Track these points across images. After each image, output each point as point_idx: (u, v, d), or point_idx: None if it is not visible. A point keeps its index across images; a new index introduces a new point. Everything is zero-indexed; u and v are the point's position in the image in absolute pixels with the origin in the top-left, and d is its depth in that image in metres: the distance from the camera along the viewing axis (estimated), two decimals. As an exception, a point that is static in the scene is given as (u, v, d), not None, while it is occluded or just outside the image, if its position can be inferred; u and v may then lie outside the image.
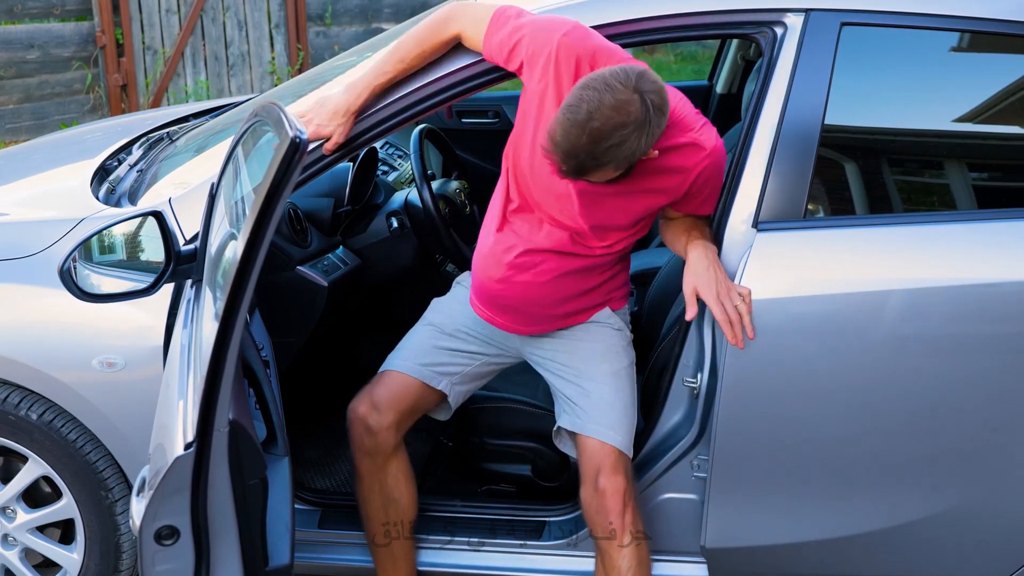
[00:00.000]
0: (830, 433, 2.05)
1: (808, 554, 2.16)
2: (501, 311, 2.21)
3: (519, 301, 2.16)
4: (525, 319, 2.20)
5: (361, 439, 2.22)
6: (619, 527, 2.09)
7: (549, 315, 2.20)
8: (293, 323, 2.50)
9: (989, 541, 2.10)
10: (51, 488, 2.34)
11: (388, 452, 2.24)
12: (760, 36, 2.09)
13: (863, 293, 1.99)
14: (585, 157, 1.83)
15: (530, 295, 2.15)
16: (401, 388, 2.24)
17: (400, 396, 2.23)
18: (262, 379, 1.98)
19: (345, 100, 2.11)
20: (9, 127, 6.82)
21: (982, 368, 1.98)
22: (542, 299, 2.16)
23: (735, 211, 2.05)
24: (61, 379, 2.17)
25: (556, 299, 2.16)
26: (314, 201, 2.70)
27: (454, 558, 2.34)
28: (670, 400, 2.19)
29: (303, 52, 7.78)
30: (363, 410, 2.22)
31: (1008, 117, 2.15)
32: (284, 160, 1.47)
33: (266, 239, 1.54)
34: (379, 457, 2.24)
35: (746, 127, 2.08)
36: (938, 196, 2.20)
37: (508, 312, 2.20)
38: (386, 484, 2.25)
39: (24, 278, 2.21)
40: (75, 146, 3.18)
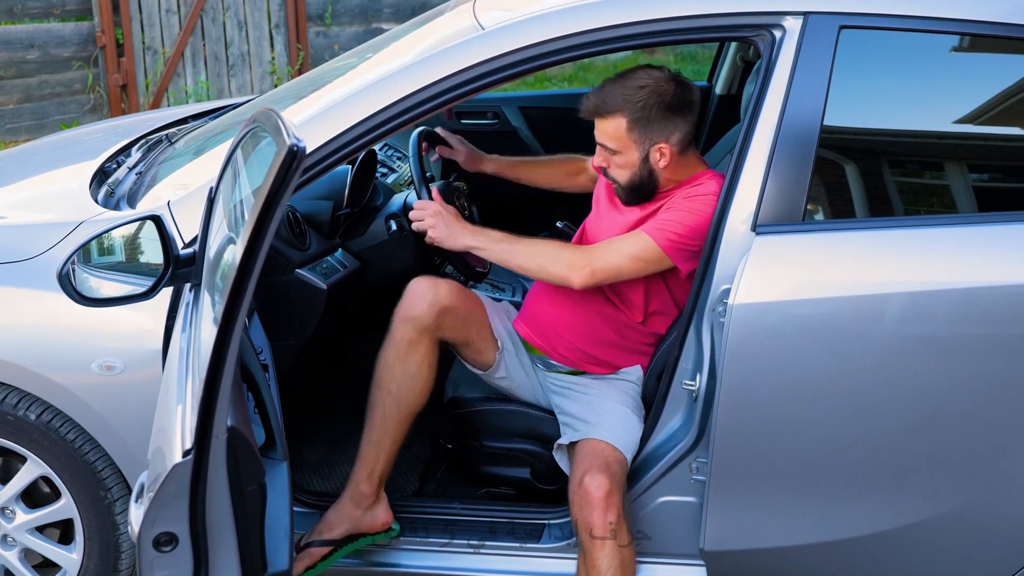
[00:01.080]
0: (830, 436, 2.05)
1: (808, 557, 2.16)
2: (539, 331, 2.45)
3: (553, 321, 2.42)
4: (555, 343, 2.42)
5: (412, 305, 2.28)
6: (600, 526, 2.10)
7: (577, 347, 2.40)
8: (292, 326, 2.50)
9: (990, 543, 2.10)
10: (50, 488, 2.34)
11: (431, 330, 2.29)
12: (759, 39, 2.09)
13: (862, 296, 1.99)
14: (604, 93, 2.23)
15: (563, 319, 2.40)
16: (477, 311, 2.41)
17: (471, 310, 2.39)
18: (261, 383, 1.98)
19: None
20: (9, 127, 6.82)
21: (982, 370, 1.98)
22: (574, 327, 2.40)
23: (733, 213, 2.05)
24: (60, 382, 2.18)
25: (586, 334, 2.39)
26: (313, 204, 2.70)
27: (454, 560, 2.34)
28: (669, 403, 2.19)
29: (303, 52, 7.78)
30: (424, 283, 2.31)
31: (1008, 119, 2.15)
32: (282, 168, 1.47)
33: (264, 246, 1.54)
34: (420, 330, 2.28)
35: (745, 129, 2.08)
36: (938, 198, 2.20)
37: (544, 334, 2.44)
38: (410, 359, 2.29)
39: (23, 281, 2.21)
40: (74, 148, 3.18)
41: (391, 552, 2.35)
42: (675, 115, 2.23)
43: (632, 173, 2.27)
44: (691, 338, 2.13)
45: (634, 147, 2.24)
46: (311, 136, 2.11)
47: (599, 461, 2.16)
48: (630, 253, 2.23)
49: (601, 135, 2.28)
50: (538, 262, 2.28)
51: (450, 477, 2.76)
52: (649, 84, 2.22)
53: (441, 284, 2.33)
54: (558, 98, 4.11)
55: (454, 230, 2.32)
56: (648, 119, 2.22)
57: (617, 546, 2.11)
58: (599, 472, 2.13)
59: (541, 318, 2.46)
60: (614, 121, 2.23)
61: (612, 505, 2.11)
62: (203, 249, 1.96)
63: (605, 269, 2.24)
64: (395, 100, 2.13)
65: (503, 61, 2.12)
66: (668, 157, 2.25)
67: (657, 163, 2.25)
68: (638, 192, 2.30)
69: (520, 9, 2.21)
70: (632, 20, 2.10)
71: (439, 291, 2.30)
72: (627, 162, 2.26)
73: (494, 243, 2.32)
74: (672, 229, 2.21)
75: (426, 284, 2.32)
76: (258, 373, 1.99)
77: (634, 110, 2.21)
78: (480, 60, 2.12)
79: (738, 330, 1.97)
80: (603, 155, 2.30)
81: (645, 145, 2.24)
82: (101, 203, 2.39)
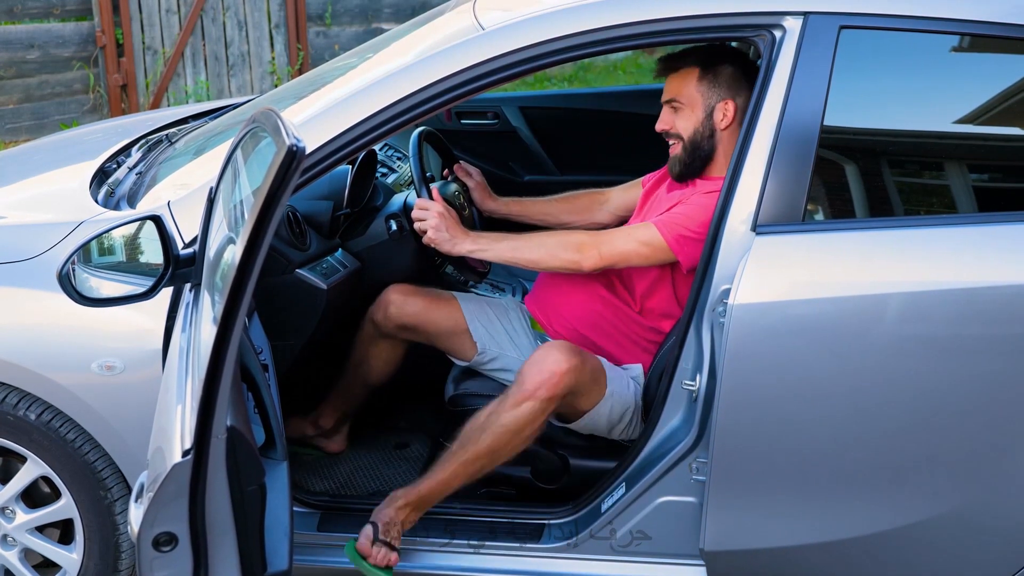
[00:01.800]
0: (830, 436, 2.05)
1: (808, 557, 2.16)
2: (541, 307, 2.55)
3: (554, 298, 2.51)
4: (553, 320, 2.51)
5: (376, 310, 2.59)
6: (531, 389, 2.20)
7: (573, 328, 2.48)
8: (292, 326, 2.50)
9: (990, 543, 2.10)
10: (50, 488, 2.34)
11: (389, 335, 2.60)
12: (759, 39, 2.09)
13: (862, 296, 1.99)
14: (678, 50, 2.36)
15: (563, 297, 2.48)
16: (447, 310, 2.56)
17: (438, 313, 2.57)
18: (261, 383, 1.98)
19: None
20: (9, 127, 6.82)
21: (982, 370, 1.98)
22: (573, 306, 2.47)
23: (733, 213, 2.05)
24: (60, 382, 2.18)
25: (583, 317, 2.46)
26: (313, 204, 2.70)
27: (454, 560, 2.34)
28: (669, 403, 2.19)
29: (303, 52, 7.78)
30: (397, 296, 2.57)
31: (1008, 119, 2.15)
32: (282, 168, 1.47)
33: (264, 246, 1.54)
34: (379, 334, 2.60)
35: (745, 129, 2.08)
36: (938, 198, 2.20)
37: (545, 310, 2.54)
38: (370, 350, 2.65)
39: (23, 281, 2.21)
40: (74, 148, 3.18)
41: (391, 552, 2.35)
42: (743, 76, 2.34)
43: (695, 130, 2.35)
44: (691, 338, 2.13)
45: (700, 101, 2.34)
46: (311, 136, 2.11)
47: (574, 349, 2.27)
48: (638, 239, 2.29)
49: (670, 89, 2.38)
50: (547, 251, 2.33)
51: (450, 477, 2.76)
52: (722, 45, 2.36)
53: (408, 302, 2.56)
54: (558, 98, 4.11)
55: (455, 235, 2.36)
56: (717, 74, 2.33)
57: (530, 411, 2.22)
58: (569, 352, 2.23)
59: (544, 294, 2.56)
60: (685, 72, 2.34)
61: (561, 383, 2.20)
62: (203, 249, 1.96)
63: (612, 253, 2.29)
64: (395, 100, 2.13)
65: (503, 61, 2.12)
66: (730, 118, 2.33)
67: (719, 123, 2.34)
68: (695, 153, 2.36)
69: (520, 9, 2.21)
70: (632, 20, 2.10)
71: (403, 308, 2.56)
72: (692, 117, 2.35)
73: (495, 243, 2.35)
74: (682, 224, 2.26)
75: (394, 296, 2.58)
76: (258, 373, 1.99)
77: (706, 61, 2.33)
78: (480, 60, 2.12)
79: (738, 330, 1.97)
80: (668, 115, 2.40)
81: (711, 100, 2.34)
82: (101, 203, 2.39)
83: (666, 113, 2.41)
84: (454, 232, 2.36)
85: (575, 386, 2.25)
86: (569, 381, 2.22)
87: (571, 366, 2.22)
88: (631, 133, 3.62)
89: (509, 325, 2.61)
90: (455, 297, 2.63)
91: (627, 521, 2.23)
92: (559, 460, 2.50)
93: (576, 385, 2.25)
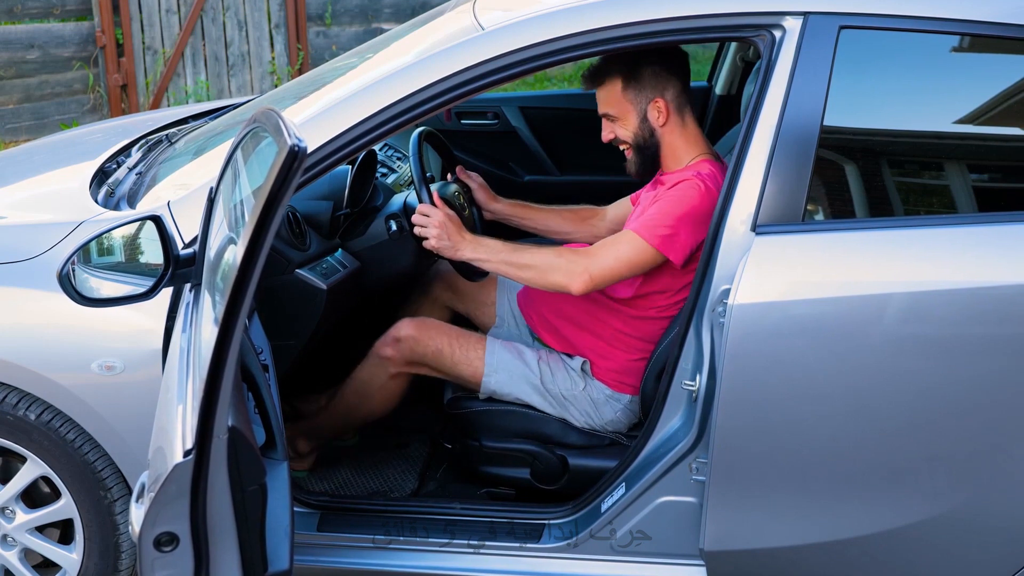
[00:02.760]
0: (829, 436, 2.05)
1: (808, 557, 2.16)
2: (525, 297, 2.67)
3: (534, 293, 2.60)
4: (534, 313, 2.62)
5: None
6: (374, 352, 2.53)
7: (547, 319, 2.56)
8: (292, 326, 2.50)
9: (989, 543, 2.10)
10: (50, 488, 2.34)
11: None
12: (758, 39, 2.09)
13: (862, 296, 1.99)
14: (597, 63, 2.39)
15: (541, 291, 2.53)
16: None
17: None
18: (261, 383, 1.98)
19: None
20: (9, 127, 6.82)
21: (982, 370, 1.98)
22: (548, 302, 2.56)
23: (733, 214, 2.05)
24: (60, 382, 2.18)
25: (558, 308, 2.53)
26: (313, 204, 2.70)
27: (454, 560, 2.33)
28: (668, 403, 2.19)
29: (303, 52, 7.78)
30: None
31: (1008, 120, 2.15)
32: (283, 168, 1.47)
33: (265, 247, 1.54)
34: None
35: (745, 129, 2.08)
36: (938, 198, 2.20)
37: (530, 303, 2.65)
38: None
39: (23, 281, 2.21)
40: (74, 148, 3.18)
41: (391, 552, 2.35)
42: (665, 71, 2.36)
43: (636, 135, 2.39)
44: (691, 338, 2.13)
45: (631, 108, 2.37)
46: (311, 136, 2.11)
47: (431, 321, 2.54)
48: (625, 256, 2.28)
49: (601, 104, 2.42)
50: (537, 272, 2.34)
51: (450, 477, 2.76)
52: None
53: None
54: (558, 98, 4.11)
55: (456, 242, 2.38)
56: (640, 77, 2.35)
57: (373, 364, 2.55)
58: (412, 321, 2.52)
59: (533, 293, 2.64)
60: (609, 85, 2.37)
61: (396, 345, 2.49)
62: (203, 249, 1.96)
63: (602, 274, 2.29)
64: (395, 100, 2.13)
65: (503, 61, 2.12)
66: (665, 114, 2.36)
67: (656, 121, 2.37)
68: (644, 156, 2.40)
69: (520, 9, 2.21)
70: (632, 20, 2.10)
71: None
72: (628, 125, 2.39)
73: (495, 254, 2.37)
74: (661, 223, 2.26)
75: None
76: (258, 373, 1.99)
77: (626, 68, 2.34)
78: (480, 60, 2.12)
79: (738, 330, 1.97)
80: (608, 127, 2.44)
81: (642, 104, 2.37)
82: (101, 203, 2.39)
83: (605, 125, 2.46)
84: (456, 239, 2.38)
85: (419, 354, 2.50)
86: (406, 348, 2.50)
87: (407, 335, 2.51)
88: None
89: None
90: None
91: (627, 521, 2.23)
92: (559, 460, 2.50)
93: (420, 354, 2.50)
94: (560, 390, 2.48)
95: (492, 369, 2.50)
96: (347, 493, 2.68)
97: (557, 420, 2.51)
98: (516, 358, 2.52)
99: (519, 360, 2.52)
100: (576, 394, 2.48)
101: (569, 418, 2.49)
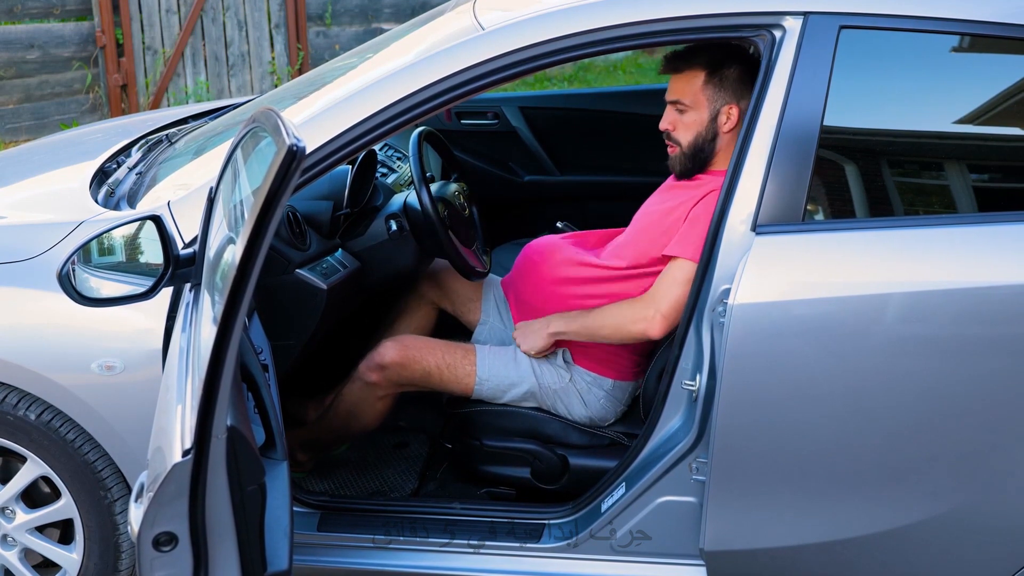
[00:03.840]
0: (829, 436, 2.05)
1: (808, 557, 2.16)
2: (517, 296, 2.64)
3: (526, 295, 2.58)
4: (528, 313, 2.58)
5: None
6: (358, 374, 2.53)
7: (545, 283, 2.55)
8: (292, 326, 2.50)
9: (989, 543, 2.10)
10: (50, 488, 2.34)
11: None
12: (758, 39, 2.09)
13: (862, 296, 1.99)
14: (685, 48, 2.34)
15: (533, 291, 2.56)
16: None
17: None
18: (261, 383, 1.98)
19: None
20: (9, 127, 6.82)
21: (982, 371, 1.98)
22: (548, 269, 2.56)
23: (733, 213, 2.05)
24: (60, 382, 2.18)
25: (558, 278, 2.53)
26: (313, 204, 2.70)
27: (454, 560, 2.33)
28: (669, 403, 2.19)
29: (303, 52, 7.78)
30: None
31: (1008, 119, 2.15)
32: (282, 168, 1.47)
33: (264, 246, 1.54)
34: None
35: (745, 129, 2.08)
36: (938, 198, 2.20)
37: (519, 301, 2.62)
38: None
39: (23, 281, 2.21)
40: (74, 148, 3.18)
41: (391, 552, 2.35)
42: (749, 79, 2.31)
43: (697, 133, 2.36)
44: (691, 338, 2.13)
45: (706, 104, 2.35)
46: (311, 136, 2.11)
47: (414, 340, 2.52)
48: (683, 281, 2.28)
49: (675, 90, 2.38)
50: (614, 329, 2.36)
51: (450, 477, 2.76)
52: (729, 45, 2.31)
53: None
54: (558, 98, 4.11)
55: (532, 332, 2.48)
56: (724, 77, 2.33)
57: (359, 388, 2.53)
58: (396, 345, 2.48)
59: (518, 284, 2.66)
60: (691, 73, 2.34)
61: (381, 372, 2.48)
62: (203, 249, 1.96)
63: (672, 307, 2.29)
64: (395, 100, 2.13)
65: (503, 61, 2.12)
66: (734, 121, 2.34)
67: (723, 126, 2.36)
68: (696, 157, 2.38)
69: (520, 9, 2.21)
70: (632, 20, 2.10)
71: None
72: (696, 120, 2.36)
73: (570, 323, 2.43)
74: (700, 240, 2.24)
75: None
76: (258, 373, 1.99)
77: (713, 63, 2.31)
78: (480, 60, 2.12)
79: (738, 330, 1.97)
80: (672, 115, 2.40)
81: (717, 103, 2.34)
82: (101, 203, 2.39)
83: (670, 113, 2.42)
84: (529, 331, 2.48)
85: (406, 379, 2.50)
86: (392, 375, 2.50)
87: (391, 361, 2.49)
88: (631, 133, 3.62)
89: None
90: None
91: (627, 521, 2.23)
92: (559, 460, 2.50)
93: (407, 378, 2.50)
94: (550, 384, 2.50)
95: (483, 379, 2.51)
96: (347, 493, 2.68)
97: (557, 420, 2.51)
98: (508, 363, 2.53)
99: (511, 363, 2.52)
100: (564, 386, 2.50)
101: (561, 411, 2.51)
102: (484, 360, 2.52)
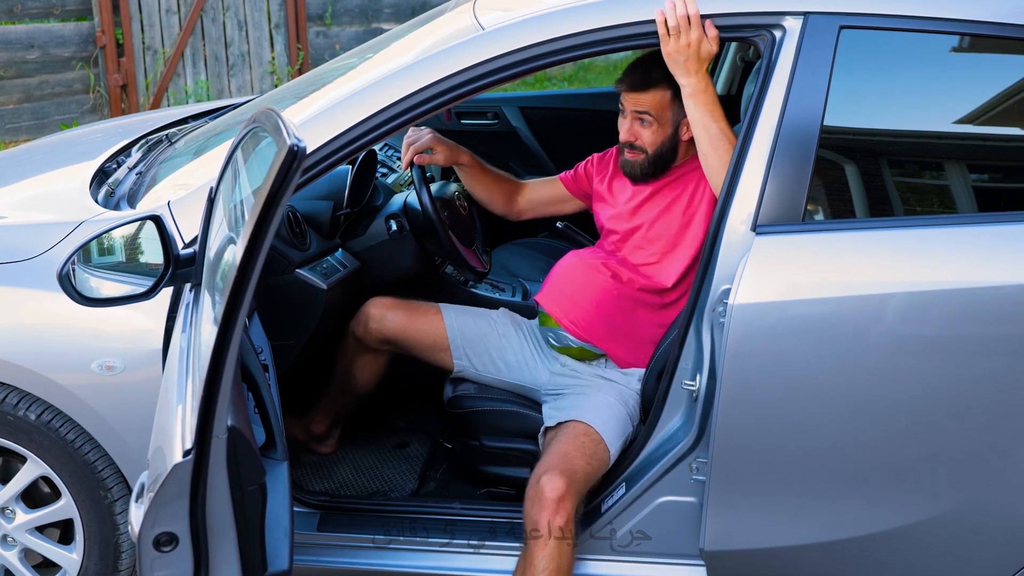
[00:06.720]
0: (829, 436, 2.05)
1: (808, 557, 2.16)
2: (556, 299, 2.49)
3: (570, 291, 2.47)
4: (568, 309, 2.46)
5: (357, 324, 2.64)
6: (544, 527, 2.12)
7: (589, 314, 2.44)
8: (292, 326, 2.50)
9: (989, 543, 2.10)
10: (50, 488, 2.34)
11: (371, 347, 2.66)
12: (759, 39, 2.09)
13: (862, 296, 1.99)
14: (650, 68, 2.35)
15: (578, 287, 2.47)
16: (428, 326, 2.61)
17: (419, 329, 2.62)
18: (261, 383, 1.98)
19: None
20: (9, 127, 6.82)
21: (982, 371, 1.98)
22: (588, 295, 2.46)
23: (733, 213, 2.05)
24: (60, 382, 2.18)
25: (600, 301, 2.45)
26: (313, 204, 2.70)
27: (454, 560, 2.34)
28: (669, 403, 2.19)
29: (303, 52, 7.78)
30: (377, 311, 2.61)
31: (1008, 119, 2.15)
32: (282, 168, 1.47)
33: (264, 246, 1.54)
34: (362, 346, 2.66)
35: (745, 129, 2.08)
36: (938, 198, 2.20)
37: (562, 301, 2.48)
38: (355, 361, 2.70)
39: (23, 281, 2.21)
40: (74, 148, 3.18)
41: (391, 552, 2.35)
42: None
43: (661, 143, 2.41)
44: (691, 338, 2.13)
45: (671, 118, 2.40)
46: (311, 136, 2.11)
47: (563, 462, 2.20)
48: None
49: (643, 104, 2.40)
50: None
51: (450, 477, 2.76)
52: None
53: (388, 316, 2.61)
54: (558, 98, 4.11)
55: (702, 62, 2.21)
56: (676, 94, 2.32)
57: (557, 548, 2.12)
58: (559, 474, 2.15)
59: (557, 287, 2.50)
60: (659, 92, 2.38)
61: (562, 509, 2.12)
62: (203, 249, 1.96)
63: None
64: (395, 100, 2.13)
65: (503, 61, 2.12)
66: (689, 133, 2.36)
67: (683, 136, 2.42)
68: (659, 164, 2.44)
69: (520, 9, 2.21)
70: (632, 20, 2.10)
71: (383, 323, 2.61)
72: (660, 133, 2.41)
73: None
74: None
75: (374, 310, 2.62)
76: (258, 373, 1.99)
77: (671, 81, 2.28)
78: (480, 60, 2.12)
79: (738, 330, 1.97)
80: (634, 128, 2.43)
81: (679, 116, 2.38)
82: (101, 203, 2.39)
83: (633, 124, 2.43)
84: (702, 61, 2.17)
85: (581, 492, 2.22)
86: (570, 503, 2.15)
87: (566, 488, 2.15)
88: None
89: (498, 342, 2.60)
90: (439, 311, 2.64)
91: (627, 521, 2.24)
92: (559, 460, 2.50)
93: (582, 491, 2.23)
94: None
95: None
96: (347, 493, 2.68)
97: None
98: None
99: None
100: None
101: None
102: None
